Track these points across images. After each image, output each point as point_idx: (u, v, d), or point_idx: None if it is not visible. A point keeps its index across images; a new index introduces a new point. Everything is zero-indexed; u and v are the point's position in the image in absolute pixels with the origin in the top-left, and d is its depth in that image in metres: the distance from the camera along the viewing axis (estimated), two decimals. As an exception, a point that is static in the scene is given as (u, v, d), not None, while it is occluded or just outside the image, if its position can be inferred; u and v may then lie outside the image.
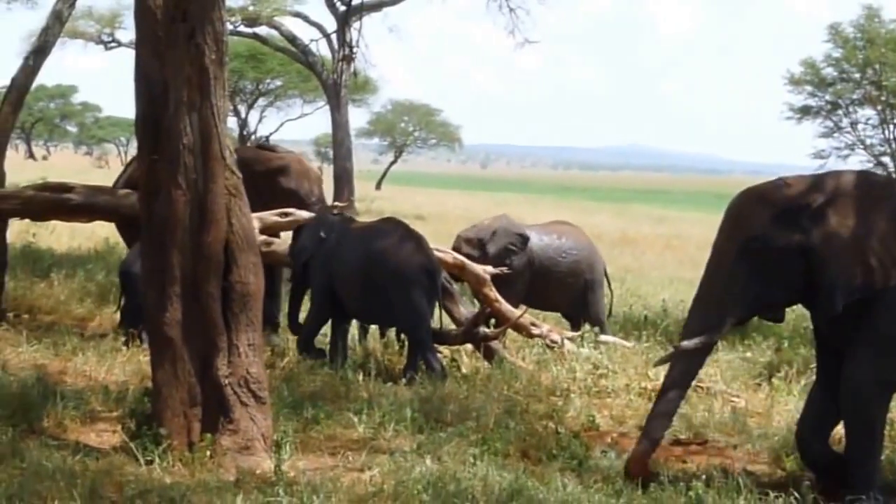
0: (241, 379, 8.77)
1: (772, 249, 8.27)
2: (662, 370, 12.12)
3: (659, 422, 8.68)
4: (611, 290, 15.57)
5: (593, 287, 15.16)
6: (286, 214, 13.82)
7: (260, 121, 62.72)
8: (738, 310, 8.51)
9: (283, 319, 14.06)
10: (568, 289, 14.98)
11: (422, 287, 12.32)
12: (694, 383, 11.79)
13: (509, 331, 13.46)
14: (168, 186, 8.75)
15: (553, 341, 13.44)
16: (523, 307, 14.35)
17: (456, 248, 14.61)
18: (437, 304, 12.56)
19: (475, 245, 14.85)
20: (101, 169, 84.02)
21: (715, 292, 8.48)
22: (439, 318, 13.63)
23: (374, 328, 13.80)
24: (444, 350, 13.06)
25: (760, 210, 8.41)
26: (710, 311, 8.50)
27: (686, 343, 8.50)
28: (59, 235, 23.36)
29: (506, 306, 13.63)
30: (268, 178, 15.03)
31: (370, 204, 49.08)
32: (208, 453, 8.46)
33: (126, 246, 15.90)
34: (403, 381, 11.70)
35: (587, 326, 14.68)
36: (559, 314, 15.83)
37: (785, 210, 8.34)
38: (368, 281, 12.38)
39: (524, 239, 14.81)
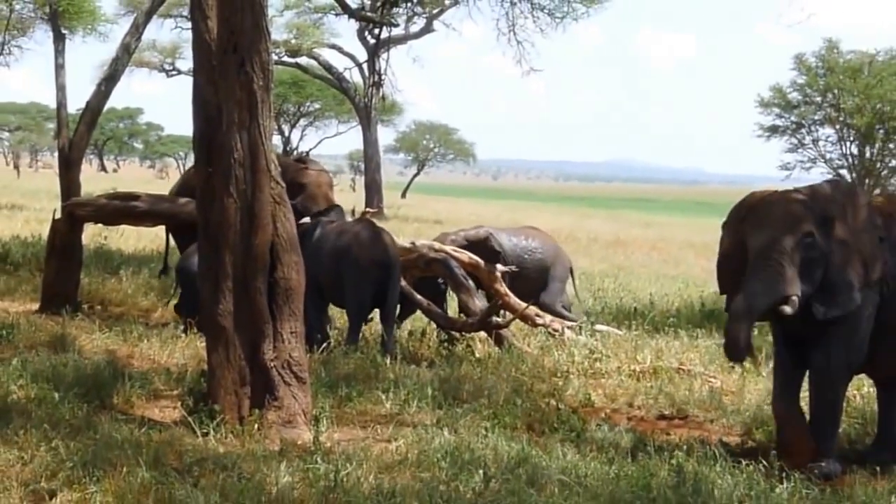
0: (285, 362, 8.79)
1: (817, 249, 8.24)
2: (650, 356, 12.21)
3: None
4: (574, 286, 15.49)
5: (553, 280, 14.98)
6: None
7: (301, 138, 63.14)
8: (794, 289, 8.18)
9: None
10: (534, 282, 14.79)
11: (370, 277, 12.35)
12: (676, 366, 11.84)
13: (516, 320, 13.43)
14: (221, 195, 8.76)
15: (554, 330, 13.44)
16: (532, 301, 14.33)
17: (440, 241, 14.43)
18: (393, 290, 12.46)
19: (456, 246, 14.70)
20: (163, 180, 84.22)
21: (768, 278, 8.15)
22: (457, 310, 13.67)
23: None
24: (460, 336, 13.07)
25: (807, 214, 8.25)
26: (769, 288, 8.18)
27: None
28: (127, 238, 23.42)
29: (514, 299, 13.60)
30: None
31: (397, 210, 49.11)
32: (256, 426, 8.48)
33: (178, 248, 15.89)
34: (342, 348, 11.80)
35: (584, 317, 14.68)
36: None
37: (820, 217, 8.28)
38: (336, 271, 12.46)
39: (495, 253, 14.48)
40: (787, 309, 8.08)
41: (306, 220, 13.39)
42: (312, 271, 11.83)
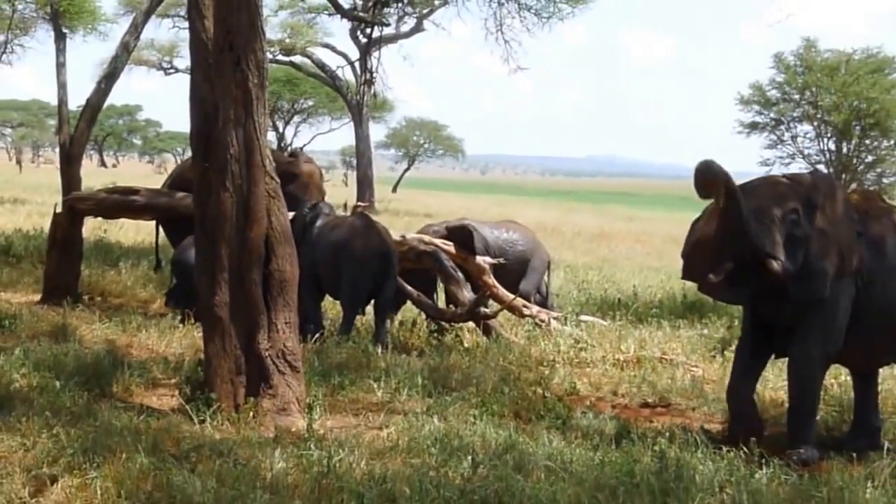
0: (279, 351, 8.79)
1: (800, 228, 8.24)
2: (633, 345, 12.23)
3: None
4: (549, 278, 15.44)
5: (532, 271, 14.93)
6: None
7: (295, 135, 63.11)
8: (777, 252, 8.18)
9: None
10: (515, 274, 14.73)
11: (368, 269, 12.35)
12: (659, 356, 11.84)
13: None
14: (218, 190, 8.76)
15: (541, 320, 13.45)
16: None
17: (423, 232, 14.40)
18: (390, 282, 12.49)
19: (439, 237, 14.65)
20: (161, 175, 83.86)
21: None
22: (446, 301, 13.67)
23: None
24: (449, 327, 13.07)
25: (793, 193, 8.28)
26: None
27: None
28: (126, 231, 23.39)
29: (502, 291, 13.61)
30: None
31: (388, 205, 49.07)
32: (251, 414, 8.48)
33: (170, 243, 15.87)
34: (335, 339, 11.82)
35: (569, 308, 14.67)
36: None
37: (805, 199, 8.30)
38: (335, 263, 12.45)
39: (470, 243, 14.41)
40: (775, 265, 8.06)
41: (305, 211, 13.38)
42: (311, 262, 11.84)
